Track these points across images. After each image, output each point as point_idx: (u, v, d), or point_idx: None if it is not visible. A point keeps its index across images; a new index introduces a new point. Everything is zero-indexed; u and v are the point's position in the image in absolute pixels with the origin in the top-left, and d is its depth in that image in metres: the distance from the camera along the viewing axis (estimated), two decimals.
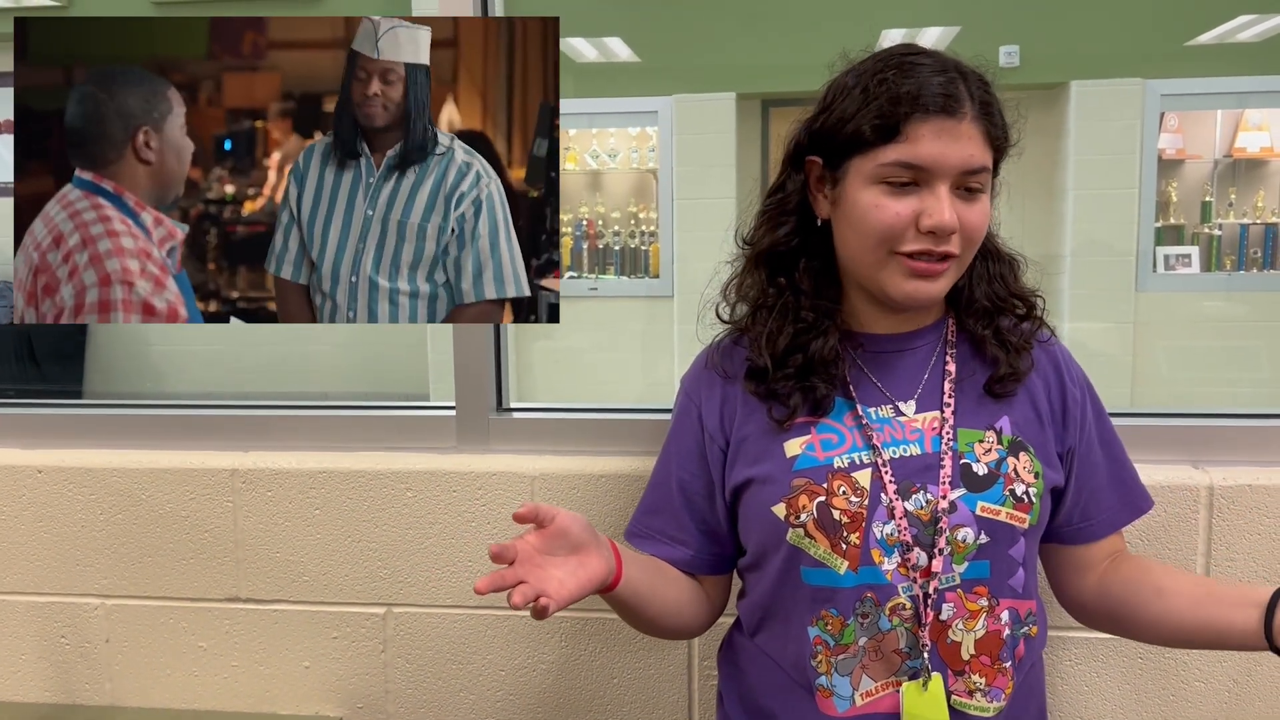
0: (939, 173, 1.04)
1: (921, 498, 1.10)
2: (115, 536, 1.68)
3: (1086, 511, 1.21)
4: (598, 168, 5.63)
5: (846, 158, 1.08)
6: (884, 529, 1.09)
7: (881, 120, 1.04)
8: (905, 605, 1.09)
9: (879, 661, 1.10)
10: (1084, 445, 1.19)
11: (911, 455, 1.11)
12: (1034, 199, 5.01)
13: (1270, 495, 1.45)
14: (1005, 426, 1.14)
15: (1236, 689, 1.49)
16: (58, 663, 1.73)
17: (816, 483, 1.11)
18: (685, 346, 5.12)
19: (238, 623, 1.68)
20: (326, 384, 5.12)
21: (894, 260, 1.07)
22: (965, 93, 1.05)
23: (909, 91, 1.03)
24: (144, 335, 5.51)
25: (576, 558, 1.06)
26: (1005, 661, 1.12)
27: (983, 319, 1.16)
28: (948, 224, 1.04)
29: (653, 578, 1.18)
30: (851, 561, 1.09)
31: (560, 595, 1.02)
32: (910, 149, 1.04)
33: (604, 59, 5.16)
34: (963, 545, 1.09)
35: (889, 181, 1.05)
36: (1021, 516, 1.11)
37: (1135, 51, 4.81)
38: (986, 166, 1.07)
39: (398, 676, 1.66)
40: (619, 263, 5.58)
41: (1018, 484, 1.11)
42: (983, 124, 1.06)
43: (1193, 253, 5.23)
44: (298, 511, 1.64)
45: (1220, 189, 5.35)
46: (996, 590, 1.11)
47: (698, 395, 1.22)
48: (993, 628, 1.11)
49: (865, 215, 1.07)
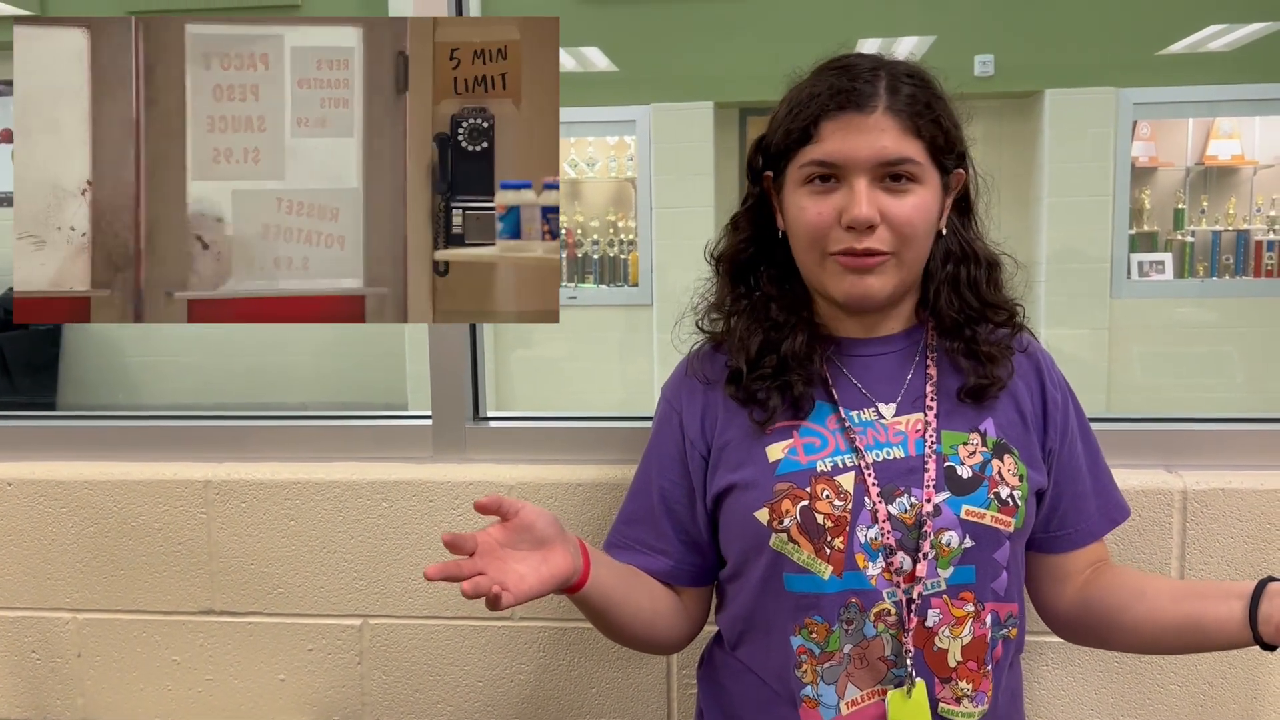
0: (851, 167, 1.06)
1: (905, 501, 1.09)
2: (87, 549, 1.66)
3: (1065, 519, 1.20)
4: (576, 176, 5.64)
5: (783, 166, 1.12)
6: (868, 533, 1.08)
7: (798, 124, 1.08)
8: (890, 611, 1.08)
9: (864, 669, 1.09)
10: (1065, 450, 1.19)
11: (895, 458, 1.11)
12: (1008, 207, 5.05)
13: (1243, 499, 1.46)
14: (990, 429, 1.13)
15: (1211, 691, 1.50)
16: (28, 678, 1.71)
17: (799, 487, 1.10)
18: (664, 354, 5.12)
19: (212, 636, 1.66)
20: (303, 394, 5.10)
21: (828, 261, 1.09)
22: (880, 88, 1.06)
23: (818, 92, 1.07)
24: (119, 345, 5.47)
25: (540, 553, 1.04)
26: (988, 665, 1.11)
27: (951, 329, 1.15)
28: (863, 216, 1.05)
29: (625, 582, 1.17)
30: (835, 566, 1.08)
31: (519, 589, 0.99)
32: (821, 147, 1.07)
33: (582, 68, 5.17)
34: (947, 549, 1.08)
35: (811, 181, 1.08)
36: (1006, 520, 1.10)
37: (1108, 60, 4.86)
38: (907, 157, 1.06)
39: (374, 689, 1.64)
40: (598, 271, 5.59)
41: (1002, 487, 1.10)
42: (901, 115, 1.06)
43: (1166, 259, 5.28)
44: (272, 523, 1.62)
45: (1193, 196, 5.41)
46: (982, 595, 1.10)
47: (679, 402, 1.22)
48: (979, 633, 1.10)
49: (796, 219, 1.11)
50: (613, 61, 5.13)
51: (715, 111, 5.13)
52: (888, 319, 1.17)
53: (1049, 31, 4.79)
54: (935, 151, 1.09)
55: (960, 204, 1.17)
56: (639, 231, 5.34)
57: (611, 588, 1.13)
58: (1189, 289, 5.26)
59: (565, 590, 1.08)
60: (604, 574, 1.12)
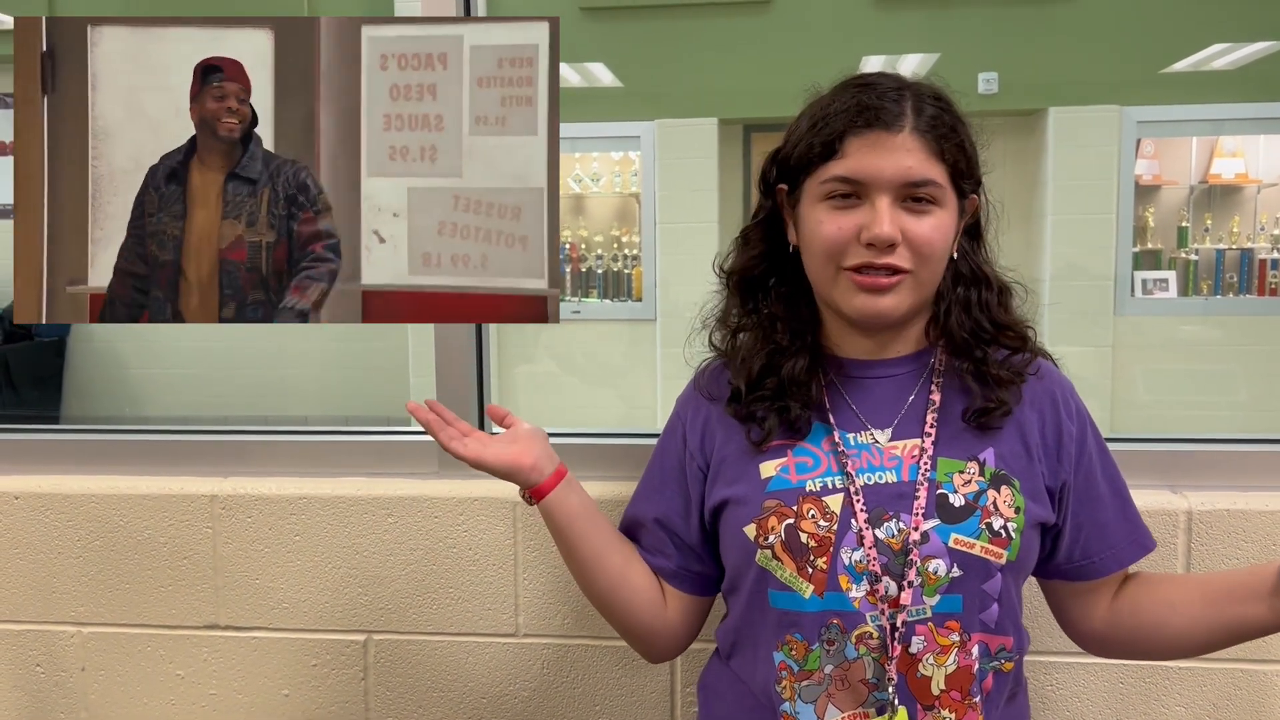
0: (876, 185, 1.06)
1: (893, 526, 1.08)
2: (92, 563, 1.66)
3: (1089, 549, 1.18)
4: (581, 191, 5.65)
5: (801, 180, 1.12)
6: (852, 555, 1.08)
7: (821, 139, 1.08)
8: (873, 634, 1.07)
9: (846, 691, 1.09)
10: (1081, 480, 1.17)
11: (887, 483, 1.10)
12: (1012, 224, 5.01)
13: (1248, 519, 1.46)
14: (989, 458, 1.12)
15: (1216, 713, 1.49)
16: (33, 692, 1.71)
17: (787, 505, 1.11)
18: (668, 370, 5.13)
19: (216, 650, 1.66)
20: (307, 408, 5.10)
21: (843, 276, 1.09)
22: (907, 108, 1.07)
23: (845, 109, 1.07)
24: (122, 358, 5.48)
25: (514, 444, 1.21)
26: (975, 696, 1.09)
27: (961, 350, 1.15)
28: (884, 235, 1.05)
29: (595, 526, 1.23)
30: (817, 586, 1.08)
31: (475, 447, 1.19)
32: (845, 163, 1.07)
33: (587, 84, 5.19)
34: (934, 577, 1.07)
35: (832, 197, 1.08)
36: (998, 551, 1.08)
37: (1112, 79, 4.86)
38: (931, 179, 1.07)
39: (378, 704, 1.64)
40: (602, 286, 5.59)
41: (995, 518, 1.09)
42: (926, 137, 1.06)
43: (1170, 277, 5.28)
44: (277, 538, 1.62)
45: (1196, 214, 5.41)
46: (969, 625, 1.09)
47: (685, 414, 1.25)
48: (964, 663, 1.09)
49: (813, 232, 1.10)
50: (618, 77, 5.15)
51: (720, 127, 5.14)
52: (898, 340, 1.16)
53: (1053, 49, 4.80)
54: (956, 175, 1.10)
55: (971, 229, 1.18)
56: (643, 246, 5.35)
57: (576, 516, 1.22)
58: (1193, 307, 5.25)
59: (529, 495, 1.21)
60: (573, 501, 1.22)
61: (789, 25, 4.83)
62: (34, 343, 5.35)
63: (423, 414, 1.22)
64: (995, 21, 4.89)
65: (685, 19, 4.98)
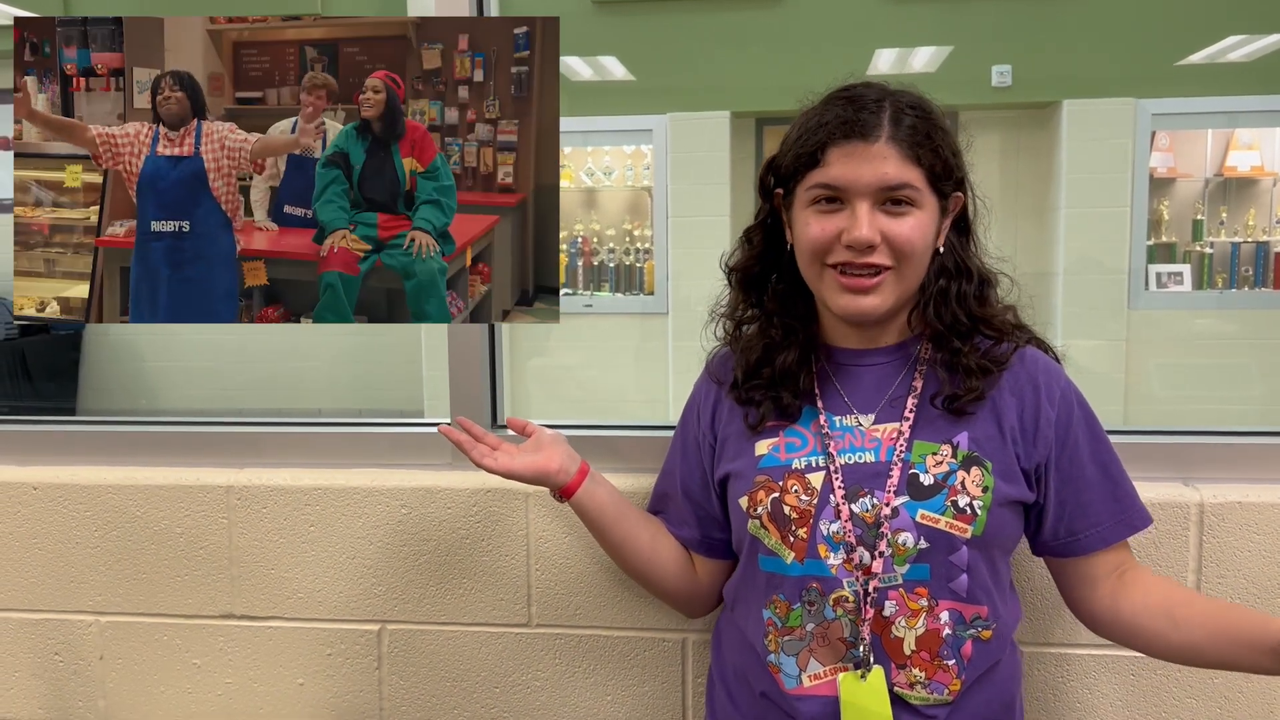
0: (854, 191, 1.15)
1: (868, 501, 1.19)
2: (110, 553, 1.68)
3: (1073, 526, 1.25)
4: (593, 185, 5.65)
5: (792, 186, 1.22)
6: (830, 527, 1.20)
7: (806, 149, 1.18)
8: (848, 598, 1.19)
9: (826, 647, 1.21)
10: (1064, 459, 1.23)
11: (865, 462, 1.21)
12: (1026, 217, 5.03)
13: (1260, 512, 1.46)
14: (963, 442, 1.21)
15: (1227, 705, 1.50)
16: (51, 680, 1.73)
17: (774, 480, 1.24)
18: (680, 363, 5.13)
19: (232, 640, 1.68)
20: (321, 400, 5.12)
21: (828, 274, 1.20)
22: (884, 118, 1.15)
23: (825, 121, 1.17)
24: (138, 350, 5.51)
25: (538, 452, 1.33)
26: (948, 660, 1.19)
27: (939, 340, 1.24)
28: (862, 238, 1.15)
29: (622, 512, 1.36)
30: (798, 553, 1.21)
31: (503, 459, 1.31)
32: (827, 172, 1.16)
33: (599, 78, 5.19)
34: (903, 549, 1.18)
35: (818, 202, 1.18)
36: (963, 527, 1.18)
37: (1127, 71, 4.84)
38: (907, 183, 1.15)
39: (392, 693, 1.66)
40: (614, 280, 5.59)
41: (961, 496, 1.18)
42: (902, 145, 1.15)
43: (1184, 270, 5.25)
44: (292, 528, 1.64)
45: (1211, 207, 5.37)
46: (936, 592, 1.19)
47: (699, 395, 1.38)
48: (932, 626, 1.19)
49: (801, 234, 1.21)
50: (630, 71, 5.15)
51: (732, 121, 5.13)
52: (885, 330, 1.26)
53: (1067, 42, 4.77)
54: (933, 178, 1.18)
55: (959, 224, 1.26)
56: (655, 240, 5.34)
57: (604, 507, 1.35)
58: (1207, 300, 5.22)
59: (560, 494, 1.33)
60: (600, 493, 1.35)
61: (801, 19, 4.82)
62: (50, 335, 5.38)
63: (455, 435, 1.33)
64: (1009, 14, 4.86)
65: (697, 12, 4.98)
